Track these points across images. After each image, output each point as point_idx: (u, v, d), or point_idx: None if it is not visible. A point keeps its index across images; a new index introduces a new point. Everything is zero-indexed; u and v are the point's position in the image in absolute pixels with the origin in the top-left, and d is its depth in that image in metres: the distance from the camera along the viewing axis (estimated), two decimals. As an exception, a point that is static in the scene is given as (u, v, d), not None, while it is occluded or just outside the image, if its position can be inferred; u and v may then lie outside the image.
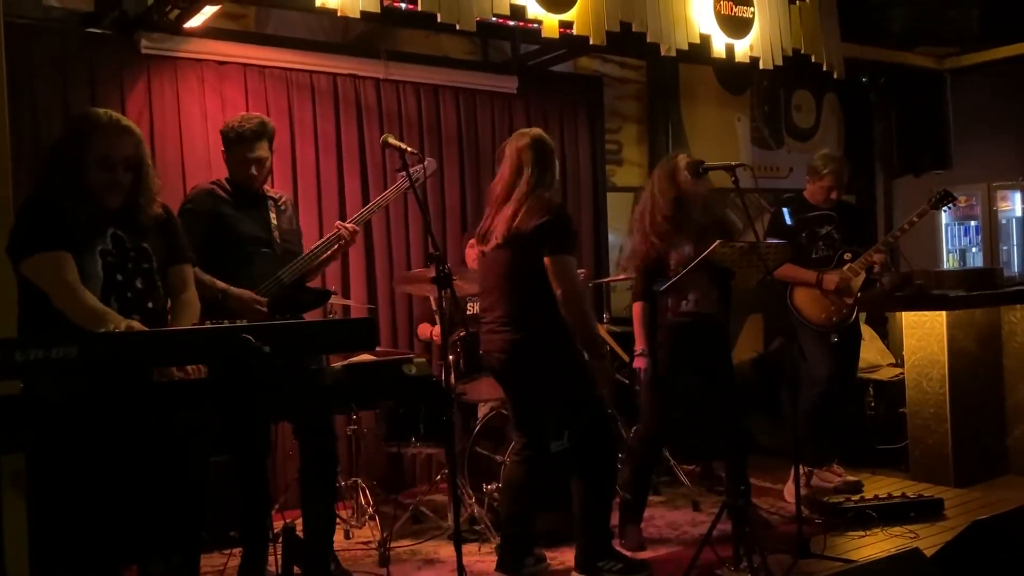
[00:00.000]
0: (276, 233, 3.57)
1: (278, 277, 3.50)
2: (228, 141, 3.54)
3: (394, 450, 4.50)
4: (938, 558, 2.53)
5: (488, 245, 3.54)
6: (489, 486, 4.05)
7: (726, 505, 3.57)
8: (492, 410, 4.29)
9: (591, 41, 4.38)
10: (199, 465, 3.28)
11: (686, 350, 3.93)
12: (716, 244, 3.47)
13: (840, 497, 4.39)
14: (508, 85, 5.57)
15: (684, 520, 4.37)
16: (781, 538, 3.86)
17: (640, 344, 3.93)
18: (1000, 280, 5.38)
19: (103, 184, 2.66)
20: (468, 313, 4.64)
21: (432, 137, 5.31)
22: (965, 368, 4.81)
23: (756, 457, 4.32)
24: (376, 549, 3.91)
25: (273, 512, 3.97)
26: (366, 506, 4.30)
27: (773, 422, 5.51)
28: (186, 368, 2.60)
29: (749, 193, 4.87)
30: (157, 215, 2.81)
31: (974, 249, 7.19)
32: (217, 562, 3.67)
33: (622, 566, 3.51)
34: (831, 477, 4.76)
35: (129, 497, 2.52)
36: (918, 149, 7.05)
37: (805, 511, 3.96)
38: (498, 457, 4.04)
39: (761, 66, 5.05)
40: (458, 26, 4.02)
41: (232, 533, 3.78)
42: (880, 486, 4.71)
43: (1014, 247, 7.15)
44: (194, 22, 4.33)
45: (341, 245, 3.67)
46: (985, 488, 4.69)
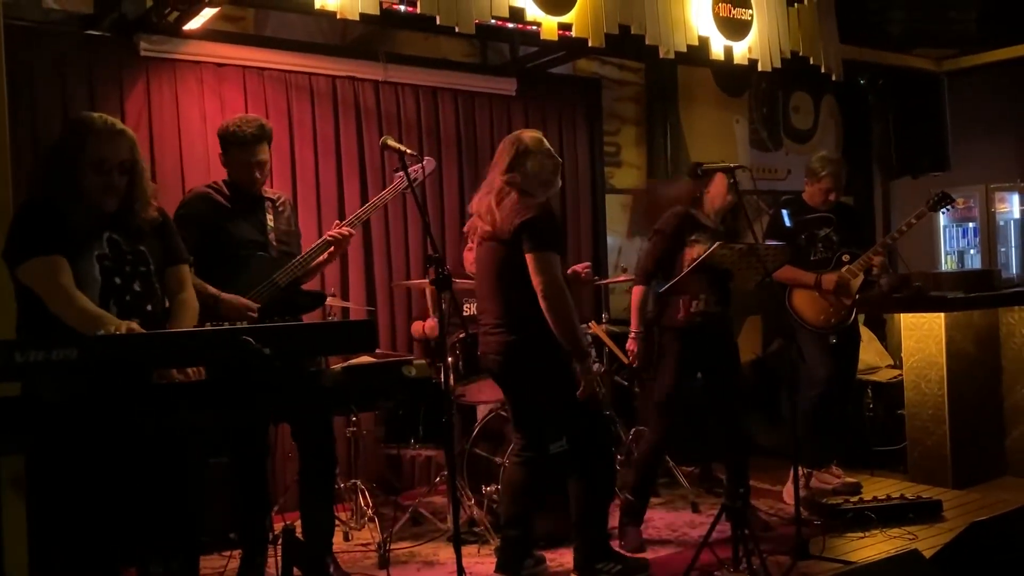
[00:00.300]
0: (272, 235, 3.56)
1: (273, 280, 3.49)
2: (227, 144, 3.53)
3: (393, 452, 4.50)
4: (937, 559, 2.53)
5: (473, 244, 3.56)
6: (488, 488, 4.05)
7: (725, 507, 3.57)
8: (491, 412, 4.29)
9: (590, 43, 4.38)
10: (198, 467, 3.29)
11: (696, 352, 3.97)
12: (715, 246, 3.48)
13: (839, 498, 4.39)
14: (507, 87, 5.58)
15: (683, 522, 4.37)
16: (780, 539, 3.88)
17: (636, 326, 4.16)
18: (998, 282, 5.39)
19: (98, 188, 2.66)
20: (465, 314, 4.63)
21: (431, 139, 5.31)
22: (963, 370, 4.82)
23: (755, 458, 4.32)
24: (375, 551, 3.92)
25: (273, 514, 3.97)
26: (365, 508, 4.30)
27: (772, 423, 5.52)
28: (186, 370, 2.60)
29: (748, 195, 4.89)
30: (153, 218, 2.81)
31: (972, 251, 7.20)
32: (216, 564, 3.67)
33: (621, 567, 3.51)
34: (830, 479, 4.77)
35: (128, 499, 2.52)
36: (916, 151, 7.05)
37: (804, 512, 3.97)
38: (497, 459, 4.04)
39: (760, 68, 5.06)
40: (457, 28, 4.02)
41: (231, 535, 3.78)
42: (879, 487, 4.71)
43: (1012, 249, 7.16)
44: (193, 24, 4.33)
45: (334, 249, 3.65)
46: (983, 489, 4.69)
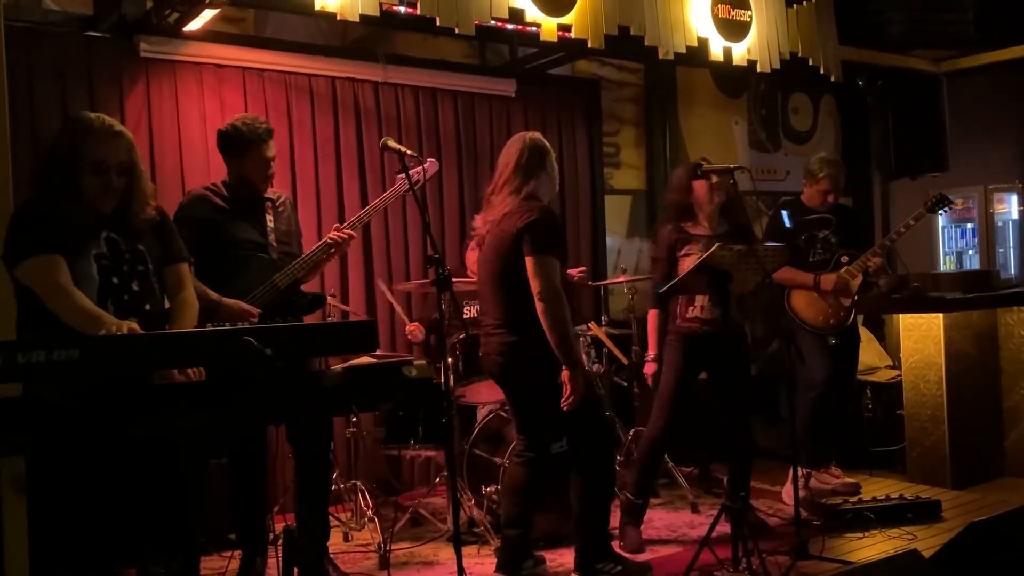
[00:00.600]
0: (272, 236, 3.56)
1: (273, 282, 3.48)
2: (240, 144, 3.48)
3: (393, 453, 4.50)
4: (936, 559, 2.54)
5: (481, 247, 3.56)
6: (488, 488, 4.05)
7: (725, 507, 3.58)
8: (491, 412, 4.29)
9: (589, 44, 4.39)
10: (198, 467, 3.29)
11: (699, 353, 3.99)
12: (714, 247, 3.49)
13: (838, 499, 4.39)
14: (506, 88, 5.59)
15: (682, 522, 4.38)
16: (779, 540, 3.88)
17: (652, 351, 4.19)
18: (997, 282, 5.40)
19: (96, 188, 2.66)
20: (465, 316, 4.64)
21: (430, 140, 5.32)
22: (962, 370, 4.82)
23: (754, 459, 4.33)
24: (375, 551, 3.92)
25: (273, 514, 3.97)
26: (365, 509, 4.29)
27: (771, 424, 5.53)
28: (186, 371, 2.60)
29: (747, 195, 4.90)
30: (151, 217, 2.81)
31: (971, 251, 7.22)
32: (216, 565, 3.67)
33: (621, 568, 3.51)
34: (829, 479, 4.77)
35: (128, 499, 2.53)
36: (915, 152, 7.06)
37: (803, 513, 3.97)
38: (497, 459, 4.04)
39: (758, 69, 5.07)
40: (457, 29, 4.03)
41: (231, 536, 3.79)
42: (878, 488, 4.72)
43: (1010, 249, 7.18)
44: (193, 25, 4.34)
45: (333, 252, 3.64)
46: (982, 490, 4.70)
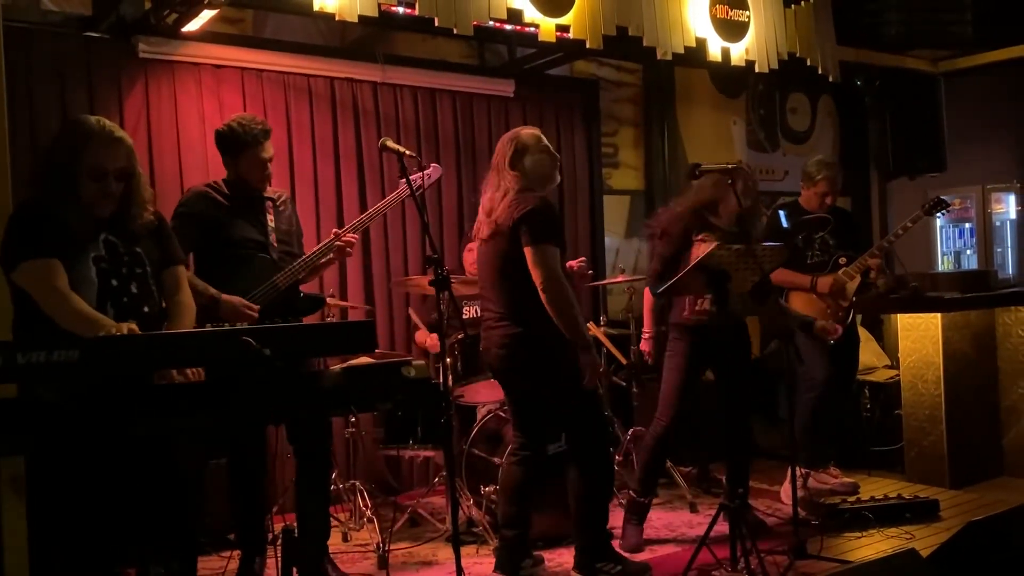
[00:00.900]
0: (272, 236, 3.55)
1: (273, 282, 3.48)
2: (236, 144, 3.48)
3: (392, 453, 4.51)
4: (934, 559, 2.55)
5: (478, 241, 3.57)
6: (487, 488, 4.05)
7: (723, 506, 3.58)
8: (490, 413, 4.29)
9: (588, 45, 4.39)
10: (198, 468, 3.29)
11: (705, 350, 3.99)
12: (713, 247, 3.49)
13: (836, 498, 4.40)
14: (505, 89, 5.59)
15: (681, 521, 4.38)
16: (778, 539, 3.89)
17: (648, 329, 4.49)
18: (994, 282, 5.42)
19: (94, 194, 2.66)
20: (465, 317, 4.64)
21: (429, 140, 5.32)
22: (960, 370, 4.83)
23: (753, 459, 4.34)
24: (374, 551, 3.92)
25: (272, 514, 3.97)
26: (364, 509, 4.30)
27: (770, 424, 5.53)
28: (186, 371, 2.61)
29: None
30: (149, 221, 2.81)
31: (968, 251, 7.23)
32: (215, 565, 3.67)
33: (621, 568, 3.51)
34: (827, 479, 4.78)
35: (128, 500, 2.53)
36: (913, 152, 7.07)
37: (802, 512, 3.97)
38: (496, 459, 4.04)
39: (757, 69, 5.07)
40: (455, 30, 4.03)
41: (230, 536, 3.79)
42: (876, 487, 4.72)
43: (1008, 249, 7.19)
44: (192, 26, 4.34)
45: (333, 256, 3.63)
46: (980, 489, 4.70)
